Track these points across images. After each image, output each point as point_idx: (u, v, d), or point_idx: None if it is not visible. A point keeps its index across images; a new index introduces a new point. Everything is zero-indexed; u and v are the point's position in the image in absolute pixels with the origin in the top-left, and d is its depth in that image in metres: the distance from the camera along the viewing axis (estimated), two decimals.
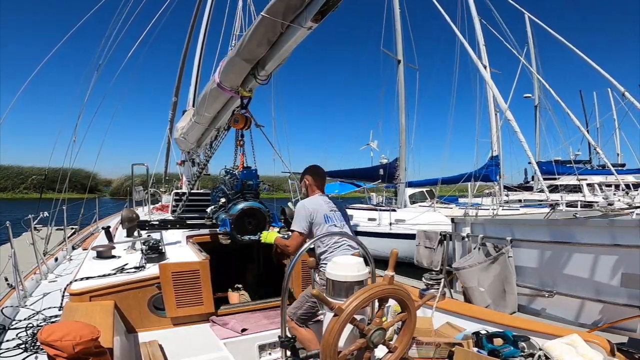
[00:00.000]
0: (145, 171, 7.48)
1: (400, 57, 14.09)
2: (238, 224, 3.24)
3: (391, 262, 1.69)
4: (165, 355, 2.31)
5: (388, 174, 13.47)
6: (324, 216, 2.61)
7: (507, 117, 8.10)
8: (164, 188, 10.37)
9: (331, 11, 2.31)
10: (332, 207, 2.70)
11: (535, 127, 23.00)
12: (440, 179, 13.75)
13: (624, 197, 10.03)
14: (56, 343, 1.34)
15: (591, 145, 17.04)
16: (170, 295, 2.75)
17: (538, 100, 21.95)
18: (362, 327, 1.51)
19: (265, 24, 2.56)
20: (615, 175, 11.43)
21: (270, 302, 3.18)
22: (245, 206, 3.26)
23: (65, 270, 4.00)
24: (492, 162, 12.55)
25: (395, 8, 14.31)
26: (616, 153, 25.84)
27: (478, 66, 9.60)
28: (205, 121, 4.47)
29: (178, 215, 4.70)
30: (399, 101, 13.93)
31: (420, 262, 3.80)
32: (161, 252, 3.19)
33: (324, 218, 2.61)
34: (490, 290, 3.12)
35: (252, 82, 3.17)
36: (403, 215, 11.05)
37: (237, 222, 3.23)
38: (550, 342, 2.02)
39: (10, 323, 2.53)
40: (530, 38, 21.48)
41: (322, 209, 2.63)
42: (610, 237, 2.55)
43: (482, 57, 13.44)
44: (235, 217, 3.22)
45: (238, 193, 3.43)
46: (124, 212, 4.09)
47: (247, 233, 3.28)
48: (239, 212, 3.24)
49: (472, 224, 3.56)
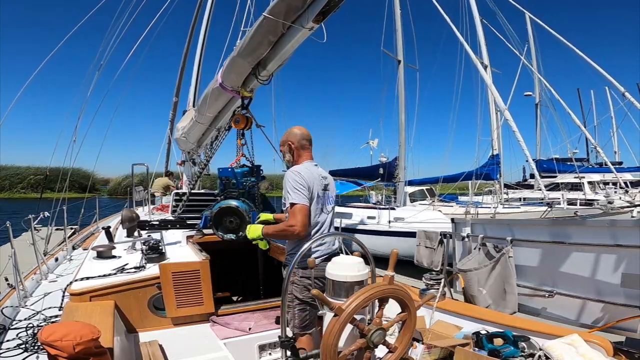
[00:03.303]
0: (146, 171, 7.48)
1: (400, 58, 14.09)
2: (215, 221, 3.18)
3: (391, 262, 1.69)
4: (165, 355, 2.31)
5: (388, 172, 13.48)
6: (316, 195, 2.13)
7: (505, 117, 8.14)
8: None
9: (332, 12, 2.32)
10: (325, 184, 2.24)
11: (536, 125, 23.05)
12: (441, 178, 13.77)
13: (624, 195, 10.04)
14: (56, 343, 1.34)
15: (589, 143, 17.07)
16: (171, 295, 2.75)
17: (539, 98, 21.98)
18: (362, 327, 1.51)
19: (267, 25, 2.56)
20: (614, 173, 11.45)
21: (270, 302, 3.18)
22: (223, 205, 3.19)
23: (65, 270, 4.01)
24: (493, 161, 12.58)
25: (395, 8, 14.31)
26: (613, 151, 25.89)
27: (478, 67, 9.63)
28: (206, 121, 4.48)
29: (178, 216, 4.70)
30: (399, 101, 13.94)
31: (421, 262, 3.80)
32: (161, 252, 3.19)
33: (316, 197, 2.13)
34: (490, 290, 3.12)
35: (254, 82, 3.17)
36: (402, 213, 11.04)
37: (214, 219, 3.17)
38: (550, 342, 2.02)
39: (11, 323, 2.54)
40: (530, 37, 21.56)
41: (316, 184, 2.15)
42: (610, 237, 2.55)
43: (483, 57, 13.47)
44: (214, 215, 3.17)
45: (224, 191, 3.40)
46: (124, 212, 4.09)
47: (229, 231, 3.19)
48: (217, 210, 3.19)
49: (472, 224, 3.56)
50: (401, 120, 13.81)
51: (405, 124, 13.86)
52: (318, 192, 2.15)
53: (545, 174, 14.92)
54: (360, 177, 14.62)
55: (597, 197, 12.64)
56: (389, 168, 13.58)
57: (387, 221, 10.44)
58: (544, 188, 8.99)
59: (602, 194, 12.68)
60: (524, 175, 21.96)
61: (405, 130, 13.84)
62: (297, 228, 2.02)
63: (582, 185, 14.97)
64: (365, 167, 14.73)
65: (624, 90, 10.41)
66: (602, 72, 10.64)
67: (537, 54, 22.08)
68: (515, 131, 7.83)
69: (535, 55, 21.93)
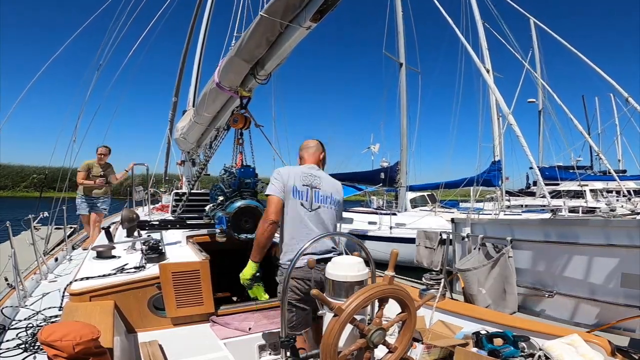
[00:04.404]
0: (146, 171, 7.48)
1: (402, 61, 14.10)
2: (235, 222, 3.23)
3: (391, 263, 1.69)
4: (165, 355, 2.30)
5: (389, 177, 13.48)
6: (292, 188, 2.21)
7: (509, 121, 8.05)
8: (163, 188, 10.38)
9: (330, 10, 2.31)
10: (311, 181, 2.28)
11: (538, 132, 22.85)
12: (443, 183, 13.74)
13: (626, 203, 10.01)
14: (56, 343, 1.34)
15: (593, 151, 17.02)
16: (170, 295, 2.74)
17: (542, 105, 21.80)
18: (362, 327, 1.51)
19: (264, 24, 2.56)
20: (617, 181, 11.38)
21: (270, 302, 3.17)
22: (242, 204, 3.25)
23: (65, 270, 4.01)
24: (495, 167, 12.56)
25: (397, 11, 14.31)
26: (617, 159, 25.84)
27: (481, 70, 9.54)
28: (204, 121, 4.47)
29: (178, 215, 4.70)
30: (401, 104, 13.93)
31: (420, 262, 3.80)
32: (161, 252, 3.19)
33: (292, 190, 2.20)
34: (490, 290, 3.12)
35: (252, 81, 3.17)
36: (403, 219, 11.04)
37: (233, 220, 3.22)
38: (550, 342, 2.02)
39: (10, 323, 2.54)
40: (535, 43, 21.35)
41: (296, 179, 2.23)
42: (610, 237, 2.54)
43: (486, 61, 13.43)
44: (232, 215, 3.21)
45: (236, 191, 3.43)
46: (124, 212, 4.09)
47: (243, 232, 3.27)
48: (235, 210, 3.23)
49: (472, 225, 3.56)
50: (403, 124, 13.79)
51: (406, 128, 13.84)
52: (295, 186, 2.23)
53: (547, 181, 14.87)
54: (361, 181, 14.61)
55: (599, 205, 12.59)
56: (390, 173, 13.58)
57: (388, 227, 10.43)
58: (547, 195, 8.89)
59: (604, 202, 12.67)
60: (528, 183, 21.87)
61: (406, 135, 13.83)
62: (268, 216, 2.18)
63: (584, 193, 14.94)
64: (366, 172, 14.73)
65: (627, 95, 10.34)
66: (606, 78, 10.56)
67: (541, 60, 21.86)
68: (519, 136, 7.75)
69: (540, 61, 21.77)
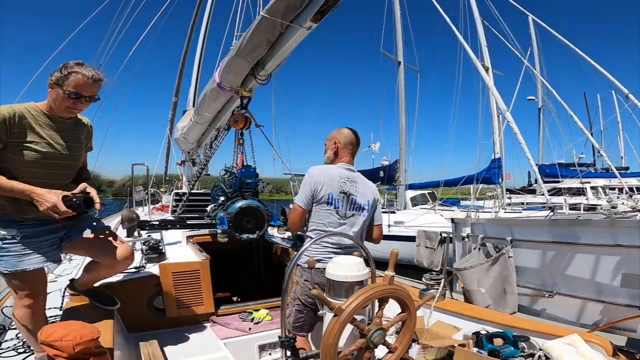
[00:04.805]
0: (146, 171, 7.48)
1: (400, 59, 14.11)
2: (236, 222, 3.23)
3: (391, 262, 1.68)
4: (165, 355, 2.30)
5: (388, 175, 13.48)
6: (329, 196, 2.07)
7: (507, 118, 8.06)
8: (164, 188, 10.38)
9: (331, 11, 2.31)
10: (348, 188, 2.12)
11: (538, 130, 22.84)
12: (443, 182, 13.75)
13: (628, 200, 10.00)
14: (56, 343, 1.34)
15: (595, 148, 17.01)
16: (171, 295, 2.74)
17: (541, 102, 21.79)
18: (362, 328, 1.51)
19: (265, 24, 2.56)
20: (619, 178, 11.37)
21: (270, 302, 3.17)
22: (243, 204, 3.25)
23: (65, 270, 4.00)
24: (495, 165, 12.56)
25: (395, 9, 14.32)
26: (620, 156, 25.83)
27: (479, 68, 9.54)
28: (205, 121, 4.48)
29: (178, 215, 4.70)
30: (400, 103, 13.95)
31: (420, 262, 3.80)
32: (161, 252, 3.19)
33: (328, 198, 2.07)
34: (490, 290, 3.11)
35: (252, 82, 3.17)
36: (403, 217, 11.04)
37: (235, 220, 3.22)
38: (550, 342, 2.02)
39: (10, 323, 2.53)
40: (534, 40, 21.36)
41: (333, 184, 2.09)
42: (610, 237, 2.54)
43: (485, 59, 13.44)
44: (234, 216, 3.21)
45: (237, 191, 3.43)
46: (124, 212, 4.09)
47: (245, 232, 3.27)
48: (237, 210, 3.23)
49: (472, 224, 3.56)
50: (402, 123, 13.81)
51: (405, 127, 13.86)
52: (332, 193, 2.09)
53: (548, 179, 14.84)
54: None
55: (600, 202, 12.58)
56: (389, 171, 13.60)
57: (387, 225, 10.44)
58: (546, 192, 8.90)
59: (605, 199, 12.66)
60: (529, 180, 21.81)
61: (405, 133, 13.85)
62: (289, 225, 2.22)
63: (584, 190, 14.92)
64: (365, 170, 14.74)
65: (627, 92, 10.33)
66: (606, 74, 10.56)
67: (540, 57, 21.84)
68: (517, 133, 7.75)
69: (539, 58, 21.76)
